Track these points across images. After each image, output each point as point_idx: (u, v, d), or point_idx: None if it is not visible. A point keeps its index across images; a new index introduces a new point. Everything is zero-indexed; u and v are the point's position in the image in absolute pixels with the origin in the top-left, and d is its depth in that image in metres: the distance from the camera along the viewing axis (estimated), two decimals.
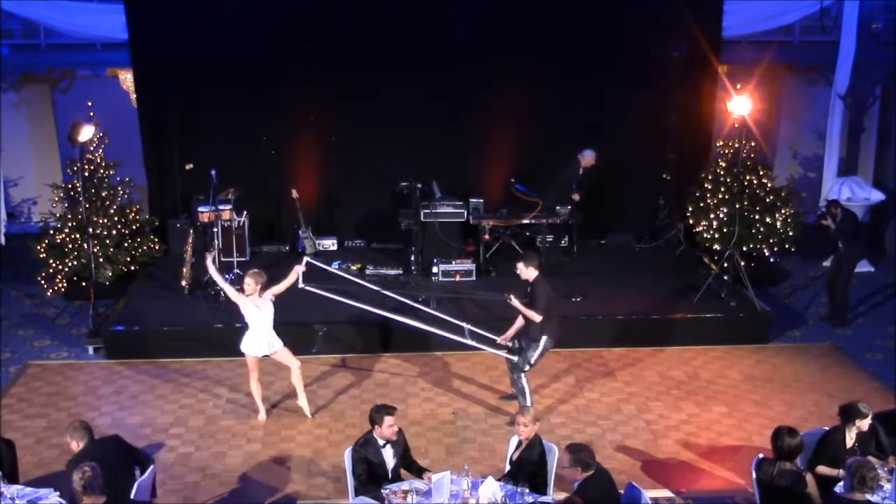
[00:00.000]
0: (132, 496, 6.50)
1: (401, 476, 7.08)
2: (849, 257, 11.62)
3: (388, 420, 6.91)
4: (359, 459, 6.91)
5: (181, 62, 13.01)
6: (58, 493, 6.83)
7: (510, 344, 9.24)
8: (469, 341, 9.55)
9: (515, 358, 9.11)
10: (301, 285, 9.28)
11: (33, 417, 9.33)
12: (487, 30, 13.05)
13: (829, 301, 12.00)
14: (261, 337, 8.97)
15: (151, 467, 6.95)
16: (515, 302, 8.91)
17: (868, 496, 6.03)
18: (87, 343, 10.97)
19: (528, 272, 8.94)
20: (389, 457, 6.99)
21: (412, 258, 12.45)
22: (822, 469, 6.95)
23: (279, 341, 9.11)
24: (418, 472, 7.10)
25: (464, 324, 9.72)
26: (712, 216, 12.93)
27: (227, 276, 11.71)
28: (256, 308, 8.91)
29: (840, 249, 11.61)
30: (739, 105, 11.38)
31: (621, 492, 6.54)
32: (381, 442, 6.96)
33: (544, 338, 8.97)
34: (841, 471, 6.72)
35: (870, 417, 7.08)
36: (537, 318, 8.85)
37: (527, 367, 9.05)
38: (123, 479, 6.67)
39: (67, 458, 8.34)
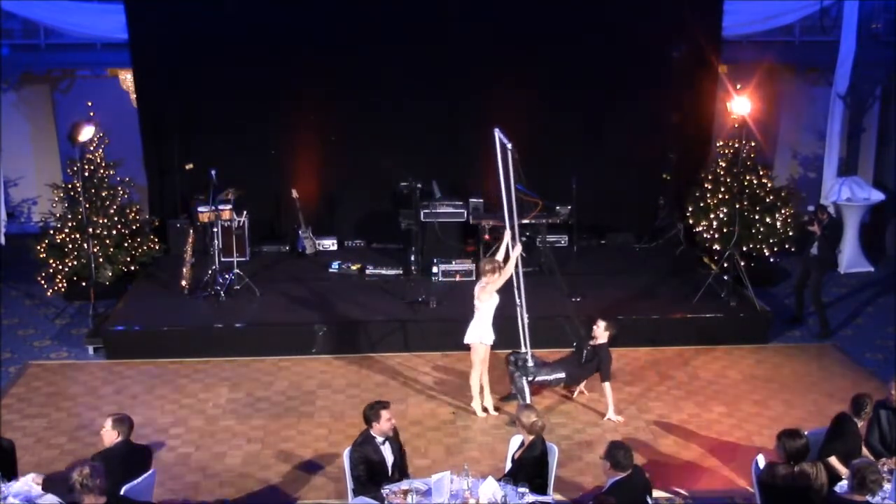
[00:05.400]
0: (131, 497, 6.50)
1: (398, 473, 7.10)
2: (821, 264, 11.44)
3: (384, 414, 6.94)
4: (359, 459, 6.91)
5: (181, 62, 13.01)
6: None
7: (528, 353, 9.37)
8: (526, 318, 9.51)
9: (531, 364, 9.24)
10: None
11: (33, 417, 9.33)
12: (487, 30, 13.04)
13: (796, 305, 11.90)
14: (491, 325, 9.11)
15: (152, 471, 6.93)
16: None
17: (868, 497, 6.03)
18: (87, 343, 10.97)
19: (603, 334, 9.23)
20: (388, 453, 7.01)
21: (412, 258, 12.45)
22: (835, 462, 6.98)
23: None
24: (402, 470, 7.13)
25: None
26: (712, 216, 12.93)
27: (227, 276, 11.75)
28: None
29: (810, 254, 11.43)
30: (739, 105, 11.39)
31: None
32: (379, 439, 6.97)
33: (561, 375, 9.29)
34: (847, 471, 6.76)
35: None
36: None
37: (530, 377, 9.21)
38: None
39: (67, 458, 8.42)
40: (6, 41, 13.69)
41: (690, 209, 13.39)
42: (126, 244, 12.47)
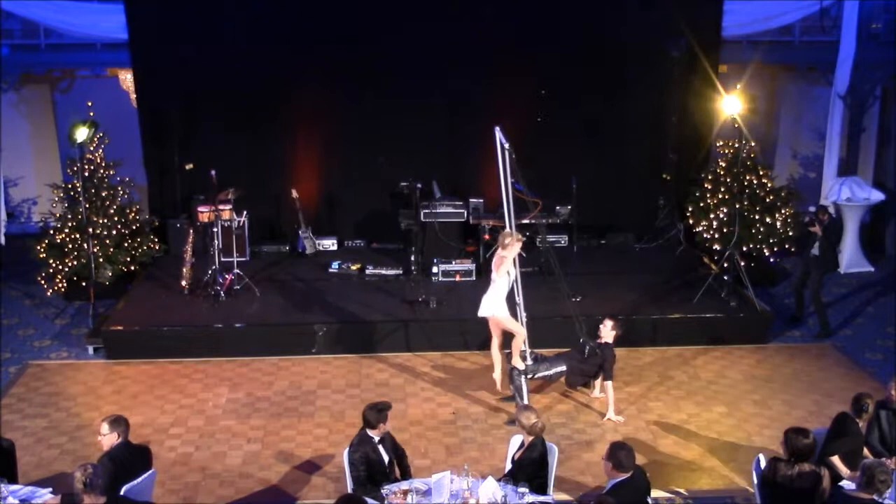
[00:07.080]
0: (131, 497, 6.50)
1: (400, 472, 7.14)
2: (822, 265, 11.41)
3: (388, 415, 7.06)
4: (360, 460, 6.92)
5: (181, 62, 12.99)
6: (50, 490, 6.82)
7: (527, 349, 9.37)
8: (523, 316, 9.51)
9: (530, 362, 9.26)
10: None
11: (33, 417, 9.33)
12: (487, 30, 13.04)
13: (796, 305, 11.90)
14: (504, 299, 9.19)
15: (152, 471, 6.93)
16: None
17: (875, 497, 6.03)
18: (87, 343, 10.97)
19: (609, 334, 9.27)
20: (384, 451, 7.08)
21: (412, 258, 12.45)
22: (837, 461, 6.99)
23: None
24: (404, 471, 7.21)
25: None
26: (712, 216, 12.93)
27: (227, 276, 11.75)
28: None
29: (811, 255, 11.40)
30: (734, 104, 11.39)
31: None
32: (376, 439, 7.03)
33: (562, 368, 9.29)
34: (848, 472, 6.76)
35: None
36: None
37: (529, 375, 9.22)
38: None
39: (67, 458, 8.42)
40: (6, 41, 13.69)
41: (690, 209, 13.39)
42: (126, 244, 12.46)
